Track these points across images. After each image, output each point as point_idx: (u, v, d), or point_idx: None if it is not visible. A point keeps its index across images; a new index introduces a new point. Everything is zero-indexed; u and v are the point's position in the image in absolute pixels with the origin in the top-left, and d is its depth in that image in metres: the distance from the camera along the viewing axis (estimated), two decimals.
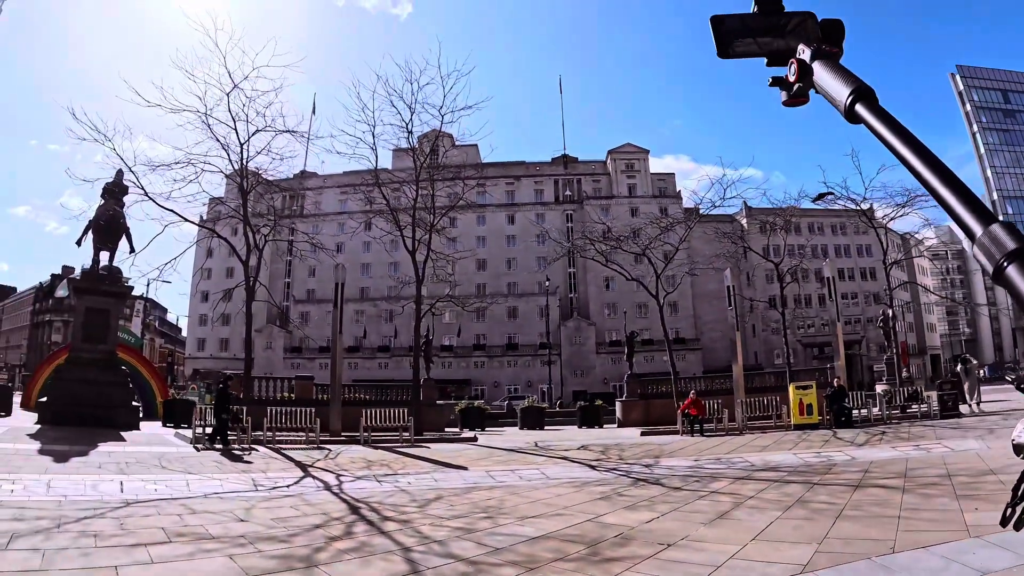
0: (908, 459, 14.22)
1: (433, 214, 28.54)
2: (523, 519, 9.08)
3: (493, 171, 77.18)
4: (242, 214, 26.25)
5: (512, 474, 14.36)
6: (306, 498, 11.10)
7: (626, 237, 36.29)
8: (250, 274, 25.95)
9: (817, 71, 1.25)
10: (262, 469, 14.99)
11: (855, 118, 1.13)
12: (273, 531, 8.24)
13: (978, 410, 25.07)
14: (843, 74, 1.18)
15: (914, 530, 7.54)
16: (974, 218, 0.91)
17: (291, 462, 16.40)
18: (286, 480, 13.17)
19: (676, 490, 11.49)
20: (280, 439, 21.09)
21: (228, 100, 25.55)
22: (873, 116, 1.09)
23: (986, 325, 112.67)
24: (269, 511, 9.70)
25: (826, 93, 1.21)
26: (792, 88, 1.35)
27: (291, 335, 80.00)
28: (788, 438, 20.81)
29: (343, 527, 8.66)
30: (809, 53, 1.28)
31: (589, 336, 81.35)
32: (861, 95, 1.12)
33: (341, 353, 27.24)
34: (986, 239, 0.85)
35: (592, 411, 33.55)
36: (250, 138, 26.11)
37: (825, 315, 71.86)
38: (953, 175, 0.98)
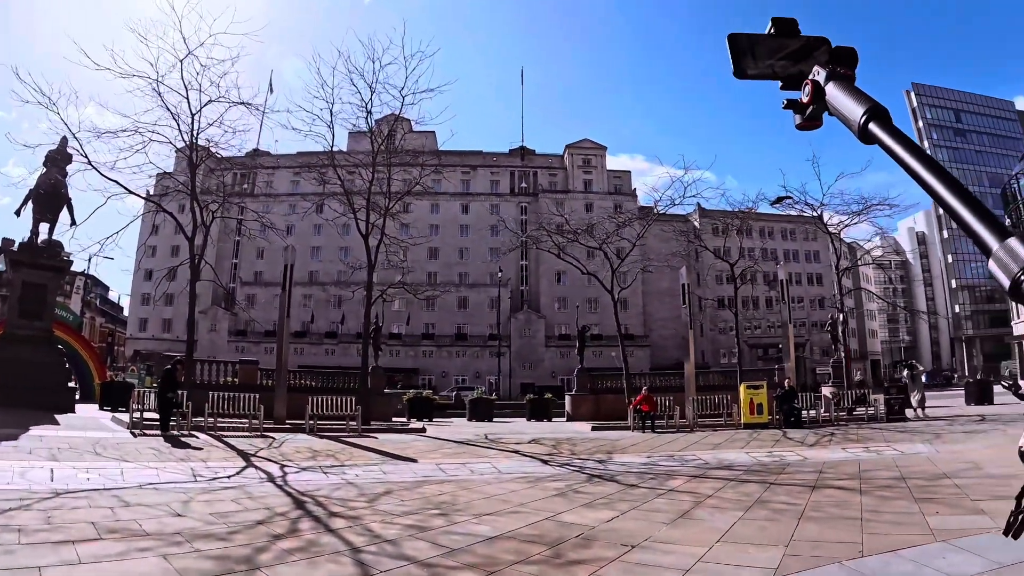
0: (860, 461, 14.29)
1: (388, 198, 27.90)
2: (479, 516, 8.69)
3: (450, 159, 76.52)
4: (190, 188, 25.29)
5: (463, 468, 13.97)
6: (248, 491, 10.49)
7: (582, 231, 36.15)
8: (195, 252, 25.05)
9: (831, 92, 1.24)
10: (202, 458, 14.36)
11: (869, 138, 1.12)
12: (212, 528, 7.70)
13: (923, 415, 25.53)
14: (857, 95, 1.18)
15: (879, 533, 7.43)
16: (990, 233, 0.87)
17: (233, 451, 15.78)
18: (227, 470, 12.56)
19: (633, 487, 11.22)
20: (222, 426, 20.41)
21: (182, 67, 24.64)
22: (887, 135, 1.08)
23: (925, 333, 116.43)
24: (208, 505, 9.13)
25: (839, 114, 1.20)
26: (806, 110, 1.34)
27: (236, 318, 78.04)
28: (739, 437, 20.83)
29: (288, 524, 8.14)
30: (824, 75, 1.27)
31: (539, 329, 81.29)
32: (875, 115, 1.11)
33: (288, 338, 26.47)
34: (1003, 253, 0.82)
35: (541, 404, 33.36)
36: (202, 108, 25.23)
37: (772, 317, 73.26)
38: (967, 191, 0.95)
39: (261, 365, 29.33)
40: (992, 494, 9.43)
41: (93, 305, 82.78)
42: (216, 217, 27.47)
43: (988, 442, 16.81)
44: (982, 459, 13.20)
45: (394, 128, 30.05)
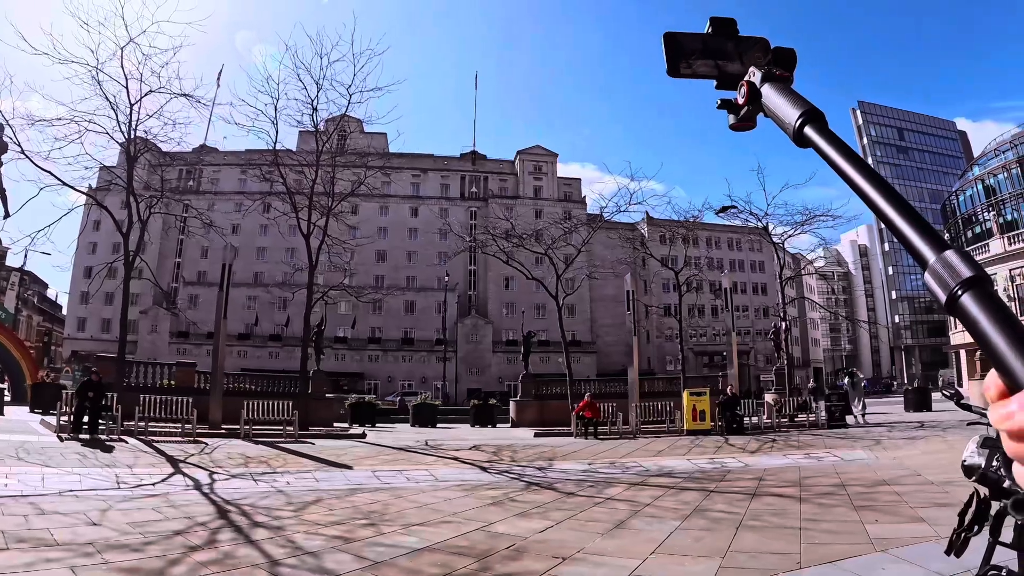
0: (800, 467, 14.31)
1: (332, 198, 27.28)
2: (408, 527, 8.32)
3: (400, 161, 75.77)
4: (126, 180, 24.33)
5: (399, 475, 13.56)
6: (171, 499, 10.03)
7: (529, 236, 35.93)
8: (131, 249, 24.11)
9: (767, 94, 1.18)
10: (128, 464, 13.76)
11: (804, 141, 1.05)
12: (127, 538, 7.29)
13: (863, 421, 25.91)
14: (793, 97, 1.12)
15: (818, 543, 7.31)
16: (926, 244, 0.82)
17: (162, 456, 15.21)
18: (153, 477, 12.03)
19: (570, 496, 10.97)
20: (154, 430, 19.73)
21: (122, 55, 23.62)
22: (823, 139, 1.02)
23: (866, 342, 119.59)
24: (127, 514, 8.68)
25: (775, 116, 1.14)
26: (740, 111, 1.26)
27: (178, 319, 75.96)
28: (682, 443, 20.78)
29: (207, 534, 7.71)
30: (760, 76, 1.21)
31: (486, 334, 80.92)
32: (811, 118, 1.05)
33: (224, 339, 25.60)
34: (939, 266, 0.77)
35: (486, 410, 32.99)
36: (142, 99, 24.22)
37: (717, 325, 74.23)
38: (904, 201, 0.89)
39: (200, 368, 28.20)
40: (932, 501, 9.43)
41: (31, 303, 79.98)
42: (153, 213, 26.47)
43: (927, 448, 17.05)
44: (921, 465, 13.31)
45: (342, 127, 29.46)
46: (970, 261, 0.76)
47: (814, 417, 26.21)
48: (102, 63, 23.62)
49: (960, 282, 0.74)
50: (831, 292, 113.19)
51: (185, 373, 26.86)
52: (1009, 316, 0.64)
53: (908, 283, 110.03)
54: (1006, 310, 0.66)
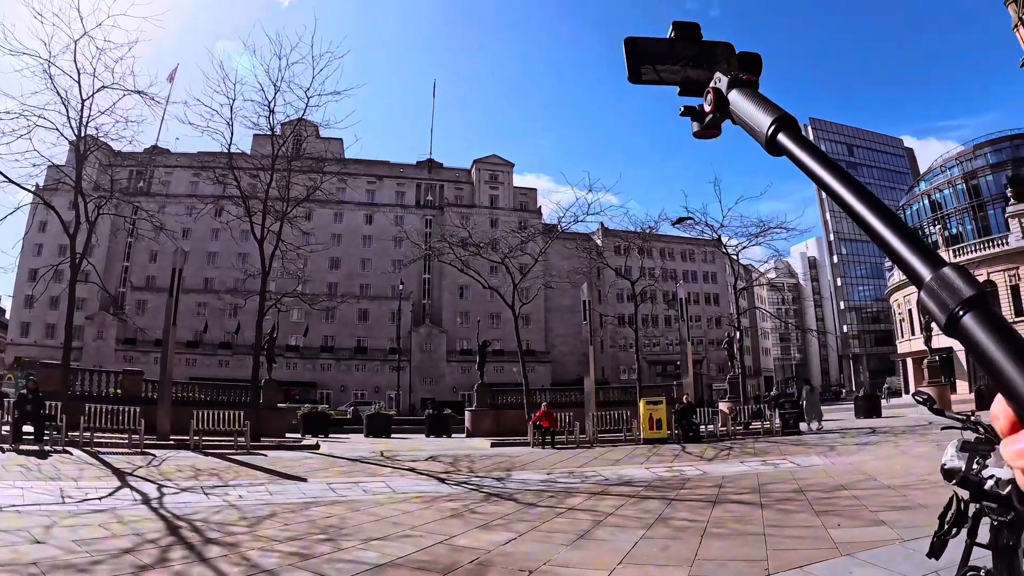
0: (758, 474, 14.36)
1: (286, 203, 26.77)
2: (367, 541, 8.05)
3: (355, 167, 75.05)
4: (75, 179, 23.54)
5: (356, 487, 13.22)
6: (119, 514, 9.60)
7: (485, 244, 35.77)
8: (77, 250, 23.32)
9: (735, 100, 1.13)
10: (74, 477, 13.22)
11: (777, 149, 1.02)
12: (73, 557, 6.92)
13: (817, 428, 26.26)
14: (763, 103, 1.07)
15: (784, 548, 7.30)
16: (920, 261, 0.76)
17: (108, 469, 14.64)
18: (100, 491, 11.52)
19: (531, 506, 10.81)
20: (101, 441, 19.09)
21: (75, 49, 22.90)
22: (797, 146, 0.98)
23: (815, 351, 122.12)
24: (73, 530, 8.26)
25: (745, 123, 1.09)
26: (705, 119, 1.22)
27: (126, 325, 73.83)
28: (639, 452, 20.78)
29: (157, 552, 7.35)
30: (726, 82, 1.16)
31: (440, 344, 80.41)
32: (784, 124, 1.02)
33: (173, 346, 24.89)
34: (936, 285, 0.72)
35: (441, 420, 32.68)
36: (94, 94, 23.47)
37: (671, 335, 74.90)
38: (892, 213, 0.82)
39: (148, 376, 27.32)
40: (890, 505, 9.52)
41: None
42: (102, 213, 25.69)
43: (880, 453, 17.32)
44: (876, 470, 13.48)
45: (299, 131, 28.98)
46: (969, 279, 0.70)
47: (768, 424, 26.49)
48: (54, 56, 22.90)
49: (961, 302, 0.68)
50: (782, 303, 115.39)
51: (132, 381, 26.04)
52: (1017, 338, 0.59)
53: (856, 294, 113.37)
54: (1013, 332, 0.60)
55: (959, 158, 68.00)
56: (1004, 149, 64.42)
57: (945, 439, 11.21)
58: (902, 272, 0.79)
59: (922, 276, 0.74)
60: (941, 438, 17.24)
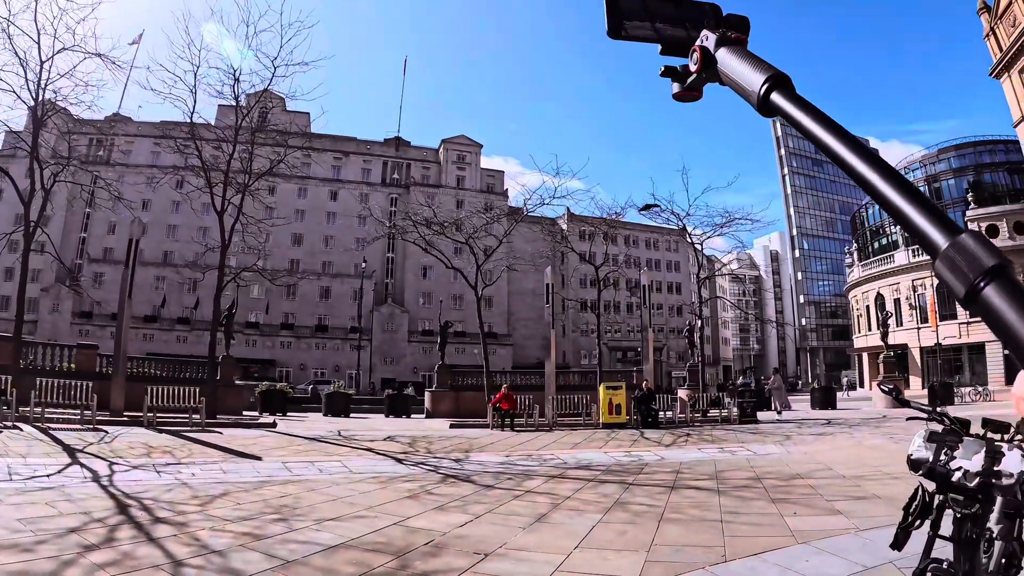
0: (716, 461, 14.44)
1: (248, 174, 26.23)
2: (321, 522, 7.89)
3: (321, 143, 74.01)
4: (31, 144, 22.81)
5: (311, 466, 13.03)
6: (67, 491, 9.33)
7: (450, 224, 35.52)
8: (32, 219, 22.64)
9: (723, 59, 1.10)
10: (22, 453, 12.88)
11: (771, 109, 0.99)
12: (17, 536, 6.67)
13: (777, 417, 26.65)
14: (755, 62, 1.04)
15: (741, 536, 7.30)
16: (935, 228, 0.70)
17: (59, 445, 14.28)
18: (48, 468, 11.20)
19: (489, 488, 10.73)
20: (51, 417, 18.55)
21: (36, 7, 22.11)
22: (794, 105, 0.94)
23: (774, 343, 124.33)
24: (18, 508, 8.02)
25: (735, 83, 1.05)
26: (686, 79, 1.20)
27: (82, 298, 72.01)
28: (598, 436, 20.82)
29: (105, 531, 7.12)
30: (714, 40, 1.13)
31: (402, 323, 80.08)
32: (778, 83, 0.97)
33: (128, 320, 24.26)
34: (954, 253, 0.65)
35: (401, 400, 32.58)
36: (54, 56, 22.73)
37: (632, 322, 75.46)
38: (900, 175, 0.78)
39: (103, 351, 26.64)
40: (846, 495, 9.61)
41: None
42: (58, 181, 24.95)
43: (836, 444, 17.56)
44: (832, 460, 13.64)
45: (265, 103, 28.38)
46: (990, 246, 0.65)
47: (727, 413, 26.77)
48: (14, 15, 22.09)
49: (982, 272, 0.63)
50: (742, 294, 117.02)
51: (86, 356, 25.45)
52: None
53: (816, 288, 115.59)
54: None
55: (923, 161, 69.71)
56: (967, 155, 66.18)
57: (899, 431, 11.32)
58: (914, 239, 0.70)
59: (937, 244, 0.67)
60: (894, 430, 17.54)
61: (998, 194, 60.35)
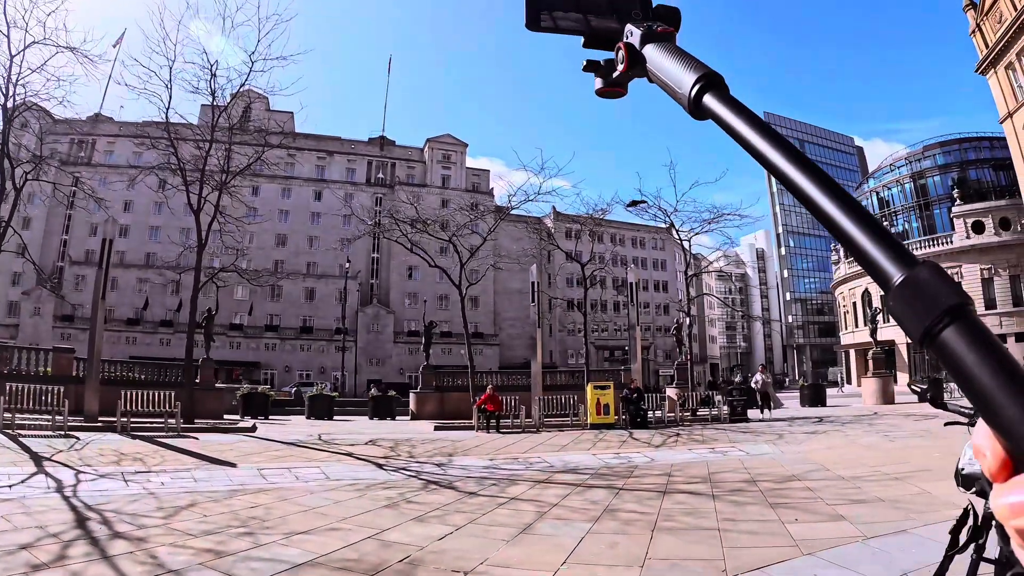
0: (708, 462, 14.02)
1: (226, 172, 25.60)
2: (290, 536, 7.36)
3: (305, 142, 73.34)
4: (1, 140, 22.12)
5: (288, 473, 12.47)
6: (27, 503, 8.81)
7: (434, 222, 35.00)
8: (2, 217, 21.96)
9: (651, 57, 1.00)
10: None
11: (703, 113, 0.88)
12: None
13: (768, 416, 26.29)
14: (684, 59, 0.94)
15: (741, 546, 6.83)
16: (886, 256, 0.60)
17: (27, 453, 13.69)
18: (12, 478, 10.65)
19: (471, 495, 10.22)
20: (22, 423, 17.89)
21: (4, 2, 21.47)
22: (728, 109, 0.84)
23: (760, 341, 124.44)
24: None
25: (664, 83, 0.96)
26: (611, 74, 1.10)
27: (64, 301, 71.01)
28: (585, 437, 20.38)
29: (58, 547, 6.62)
30: (638, 36, 1.04)
31: (388, 324, 79.32)
32: (711, 84, 0.88)
33: (102, 321, 23.51)
34: (910, 288, 0.58)
35: (385, 402, 32.07)
36: (24, 50, 22.06)
37: (619, 321, 75.12)
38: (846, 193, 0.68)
39: (80, 354, 25.85)
40: (846, 498, 9.19)
41: None
42: (30, 179, 24.27)
43: (829, 443, 17.17)
44: (827, 460, 13.22)
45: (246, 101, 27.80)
46: (949, 282, 0.57)
47: (716, 411, 26.39)
48: None
49: (941, 311, 0.55)
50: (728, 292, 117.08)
51: (63, 360, 24.74)
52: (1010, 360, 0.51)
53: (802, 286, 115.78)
54: (1005, 351, 0.52)
55: (908, 158, 69.82)
56: (952, 151, 66.23)
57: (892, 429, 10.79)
58: (862, 266, 0.62)
59: (890, 276, 0.59)
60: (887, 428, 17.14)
61: (983, 190, 60.36)
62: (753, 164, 0.79)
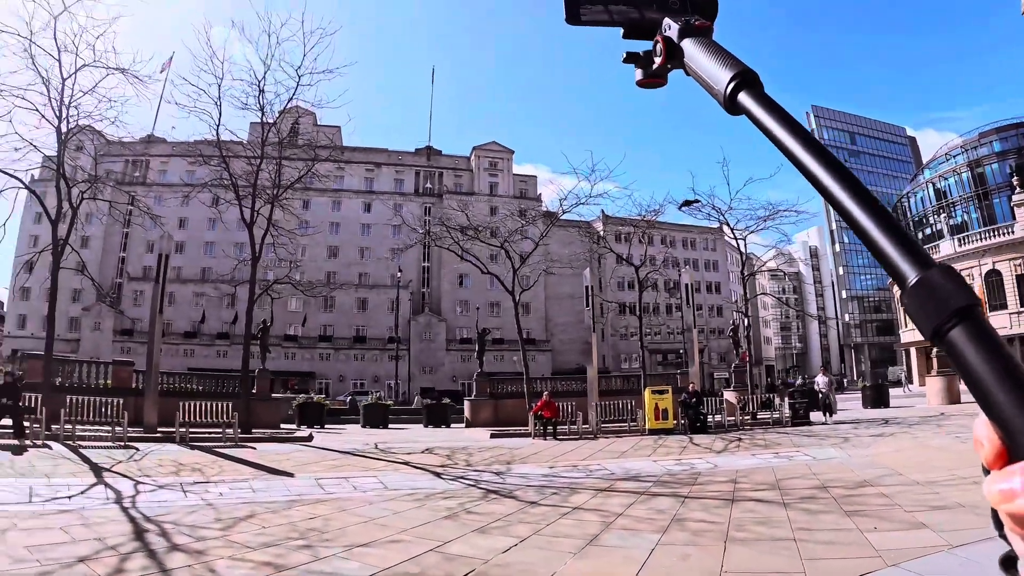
0: (773, 468, 13.53)
1: (277, 185, 25.91)
2: (349, 548, 7.18)
3: (353, 155, 74.27)
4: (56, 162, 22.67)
5: (345, 483, 12.36)
6: (86, 515, 8.78)
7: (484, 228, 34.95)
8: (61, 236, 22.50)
9: (689, 51, 1.01)
10: (47, 473, 12.44)
11: (738, 109, 0.90)
12: (18, 567, 6.15)
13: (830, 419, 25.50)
14: (722, 56, 0.95)
15: (820, 557, 6.43)
16: (904, 257, 0.65)
17: (87, 464, 13.85)
18: (71, 489, 10.70)
19: (533, 505, 9.96)
20: (84, 434, 18.21)
21: (55, 25, 22.00)
22: (761, 108, 0.86)
23: (816, 341, 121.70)
24: (30, 534, 7.50)
25: (700, 78, 0.97)
26: (650, 66, 1.12)
27: (123, 316, 73.35)
28: (645, 443, 19.96)
29: (115, 561, 6.54)
30: (677, 29, 1.05)
31: (440, 332, 79.70)
32: (746, 82, 0.90)
33: (160, 335, 23.90)
34: (922, 291, 0.63)
35: (439, 410, 31.96)
36: (76, 72, 22.63)
37: (672, 323, 74.16)
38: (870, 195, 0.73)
39: (140, 366, 26.38)
40: (925, 503, 8.69)
41: None
42: (86, 198, 24.85)
43: (898, 445, 16.49)
44: (899, 464, 12.64)
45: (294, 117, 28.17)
46: (961, 285, 0.61)
47: (778, 415, 25.70)
48: (35, 34, 21.98)
49: (950, 313, 0.59)
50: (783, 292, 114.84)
51: (123, 372, 25.32)
52: (1010, 359, 0.55)
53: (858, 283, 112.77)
54: (1006, 351, 0.57)
55: (964, 146, 67.26)
56: (1010, 137, 63.62)
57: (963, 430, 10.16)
58: (882, 266, 0.68)
59: (905, 276, 0.64)
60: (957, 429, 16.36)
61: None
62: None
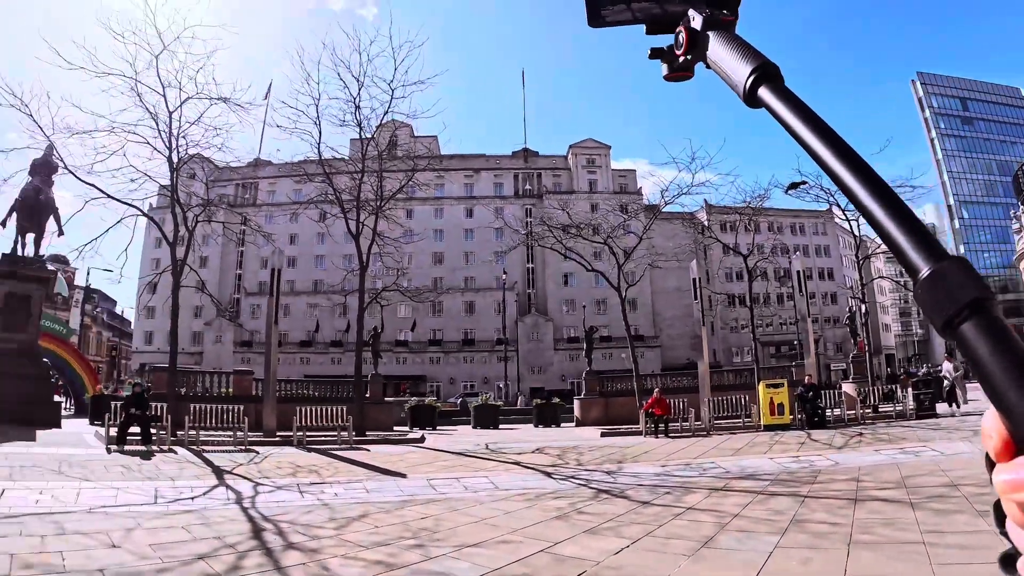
0: (899, 464, 12.78)
1: (380, 196, 26.60)
2: (460, 548, 7.23)
3: (452, 163, 75.36)
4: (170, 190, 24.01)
5: (456, 483, 12.51)
6: (207, 515, 9.17)
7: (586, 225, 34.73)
8: (179, 257, 23.79)
9: (711, 43, 1.01)
10: (172, 475, 13.04)
11: (756, 102, 0.90)
12: (142, 564, 6.44)
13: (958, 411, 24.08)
14: (743, 49, 0.95)
15: (952, 563, 5.96)
16: (917, 250, 0.66)
17: (209, 467, 14.48)
18: (195, 490, 11.23)
19: (645, 505, 9.76)
20: (207, 439, 19.19)
21: (157, 64, 23.31)
22: (780, 101, 0.86)
23: None
24: (153, 533, 7.83)
25: (721, 71, 0.97)
26: (675, 60, 1.11)
27: (241, 329, 77.29)
28: (760, 440, 19.33)
29: (233, 558, 6.80)
30: (701, 21, 1.04)
31: (547, 332, 79.88)
32: (766, 76, 0.90)
33: (276, 344, 25.05)
34: (934, 283, 0.64)
35: (549, 409, 31.94)
36: (181, 105, 23.88)
37: (783, 314, 71.74)
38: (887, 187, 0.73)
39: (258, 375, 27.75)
40: None
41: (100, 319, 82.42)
42: (200, 221, 26.18)
43: None
44: None
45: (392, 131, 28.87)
46: (973, 276, 0.61)
47: (901, 407, 24.40)
48: (139, 73, 23.34)
49: (961, 306, 0.60)
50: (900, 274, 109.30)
51: (243, 381, 26.62)
52: (1019, 352, 0.56)
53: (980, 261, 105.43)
54: (1016, 344, 0.57)
55: None
56: None
57: None
58: (894, 256, 0.69)
59: (918, 268, 0.65)
60: None
61: None
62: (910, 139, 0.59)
